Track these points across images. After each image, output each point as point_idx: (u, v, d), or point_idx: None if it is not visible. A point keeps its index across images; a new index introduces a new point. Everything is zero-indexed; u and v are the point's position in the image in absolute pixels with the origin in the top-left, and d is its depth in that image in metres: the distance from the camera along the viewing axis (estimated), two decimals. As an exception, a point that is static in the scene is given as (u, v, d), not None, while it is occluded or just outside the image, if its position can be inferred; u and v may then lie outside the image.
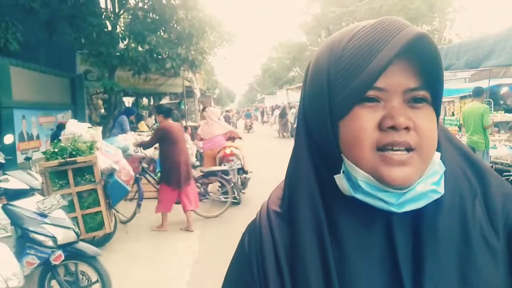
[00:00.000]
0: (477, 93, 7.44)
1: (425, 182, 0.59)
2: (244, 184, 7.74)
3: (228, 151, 7.38)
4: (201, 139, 7.90)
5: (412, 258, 0.60)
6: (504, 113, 10.62)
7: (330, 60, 0.61)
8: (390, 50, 0.55)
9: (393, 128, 0.56)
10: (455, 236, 0.60)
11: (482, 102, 7.30)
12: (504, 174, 6.34)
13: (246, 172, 7.70)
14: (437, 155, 0.61)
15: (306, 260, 0.61)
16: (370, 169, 0.58)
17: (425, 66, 0.59)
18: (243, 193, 7.74)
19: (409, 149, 0.57)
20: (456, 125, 11.39)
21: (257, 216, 0.73)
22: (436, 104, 0.61)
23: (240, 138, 8.43)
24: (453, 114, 12.51)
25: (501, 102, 12.83)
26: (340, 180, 0.61)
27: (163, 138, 5.92)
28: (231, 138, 8.08)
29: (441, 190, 0.60)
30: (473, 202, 0.62)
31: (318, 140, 0.65)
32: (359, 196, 0.59)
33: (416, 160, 0.57)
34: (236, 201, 6.99)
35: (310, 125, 0.66)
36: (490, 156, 7.22)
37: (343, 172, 0.61)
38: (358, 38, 0.59)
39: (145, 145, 6.31)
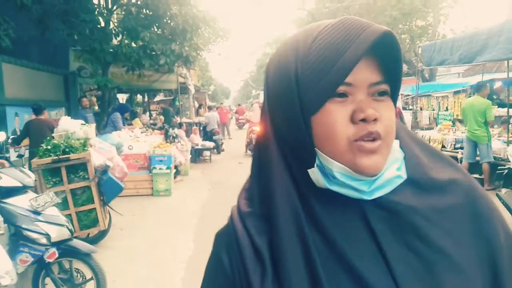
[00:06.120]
0: (478, 88, 7.46)
1: (390, 169, 0.64)
2: None
3: (255, 128, 12.70)
4: (248, 122, 13.76)
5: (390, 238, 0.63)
6: (498, 107, 10.65)
7: (297, 59, 0.63)
8: (359, 47, 0.58)
9: (364, 120, 0.60)
10: (414, 213, 0.64)
11: (484, 97, 7.31)
12: (499, 168, 6.36)
13: None
14: (396, 142, 0.66)
15: (287, 251, 0.62)
16: (345, 160, 0.61)
17: (387, 61, 0.63)
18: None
19: (376, 139, 0.61)
20: (450, 119, 11.40)
21: (229, 222, 0.72)
22: (394, 96, 0.66)
23: None
24: (446, 109, 12.53)
25: (494, 97, 12.86)
26: (314, 174, 0.63)
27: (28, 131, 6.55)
28: None
29: (404, 175, 0.65)
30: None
31: (287, 137, 0.66)
32: (334, 187, 0.62)
33: (383, 148, 0.62)
34: None
35: (276, 123, 0.67)
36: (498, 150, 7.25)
37: (317, 165, 0.63)
38: (324, 37, 0.62)
39: (15, 140, 6.47)
